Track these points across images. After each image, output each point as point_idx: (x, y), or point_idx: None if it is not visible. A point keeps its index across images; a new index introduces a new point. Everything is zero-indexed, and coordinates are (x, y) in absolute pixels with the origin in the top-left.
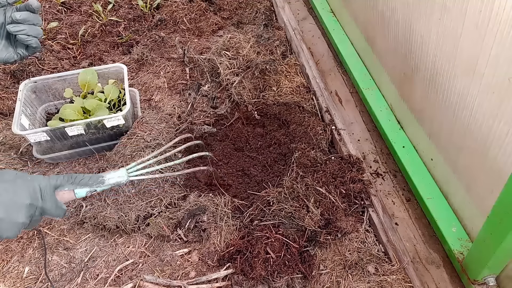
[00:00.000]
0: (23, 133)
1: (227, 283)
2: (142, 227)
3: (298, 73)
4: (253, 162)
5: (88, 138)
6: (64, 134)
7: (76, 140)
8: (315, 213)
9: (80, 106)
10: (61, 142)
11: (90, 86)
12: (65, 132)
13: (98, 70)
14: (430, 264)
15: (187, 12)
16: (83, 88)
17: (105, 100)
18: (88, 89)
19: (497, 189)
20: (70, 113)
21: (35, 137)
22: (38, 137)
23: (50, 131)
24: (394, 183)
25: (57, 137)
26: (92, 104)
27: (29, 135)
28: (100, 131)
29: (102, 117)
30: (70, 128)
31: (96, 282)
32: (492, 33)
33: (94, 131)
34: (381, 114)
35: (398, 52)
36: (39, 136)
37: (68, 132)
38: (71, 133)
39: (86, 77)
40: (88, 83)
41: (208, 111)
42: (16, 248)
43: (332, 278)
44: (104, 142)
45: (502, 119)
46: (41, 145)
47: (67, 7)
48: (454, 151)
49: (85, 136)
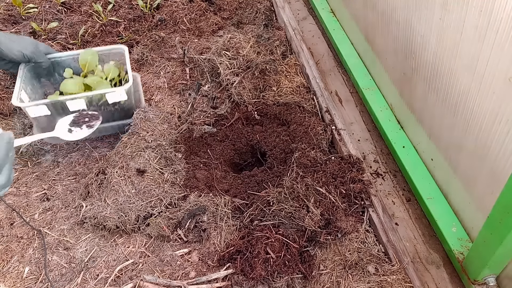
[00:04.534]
0: (23, 105)
1: (227, 283)
2: (142, 227)
3: (298, 73)
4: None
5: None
6: (65, 109)
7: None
8: (315, 213)
9: (82, 82)
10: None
11: (91, 66)
12: (66, 106)
13: (99, 51)
14: (430, 264)
15: (187, 12)
16: (84, 68)
17: (106, 78)
18: (88, 70)
19: (497, 189)
20: (71, 86)
21: (35, 110)
22: (38, 111)
23: (51, 105)
24: (394, 183)
25: (58, 112)
26: (93, 81)
27: (29, 108)
28: (102, 107)
29: (105, 91)
30: (71, 101)
31: (96, 282)
32: (492, 33)
33: (96, 108)
34: (381, 114)
35: (398, 52)
36: (39, 109)
37: (69, 106)
38: (72, 108)
39: (87, 57)
40: (89, 63)
41: (208, 111)
42: (16, 248)
43: (332, 278)
44: (106, 122)
45: (502, 119)
46: (40, 121)
47: (67, 7)
48: (454, 151)
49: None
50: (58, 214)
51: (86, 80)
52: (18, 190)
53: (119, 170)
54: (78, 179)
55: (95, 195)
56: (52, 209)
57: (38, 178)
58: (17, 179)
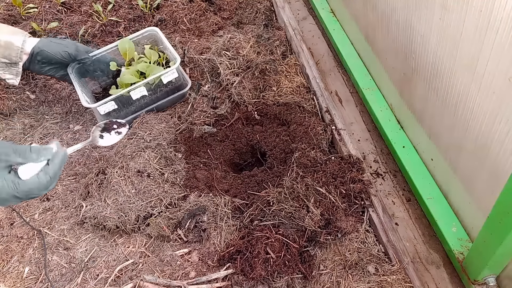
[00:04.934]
0: (94, 105)
1: (227, 283)
2: (142, 227)
3: (298, 73)
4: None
5: (149, 99)
6: (129, 100)
7: (138, 103)
8: (315, 213)
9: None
10: (126, 108)
11: (131, 54)
12: (130, 97)
13: (132, 38)
14: (430, 264)
15: (187, 12)
16: (125, 57)
17: (150, 62)
18: (129, 58)
19: (497, 189)
20: (130, 77)
21: (105, 108)
22: (107, 107)
23: (118, 99)
24: (394, 183)
25: (123, 103)
26: (144, 67)
27: (100, 107)
28: (157, 89)
29: (161, 73)
30: (134, 91)
31: (96, 282)
32: (493, 33)
33: (152, 91)
34: (381, 114)
35: (398, 52)
36: (108, 106)
37: (133, 96)
38: (135, 96)
39: (125, 45)
40: (128, 51)
41: (208, 111)
42: (16, 248)
43: (332, 278)
44: (163, 99)
45: (502, 119)
46: (109, 116)
47: (67, 7)
48: (454, 151)
49: (146, 98)
50: (58, 214)
51: (138, 67)
52: None
53: (119, 170)
54: (78, 179)
55: (95, 195)
56: (52, 209)
57: None
58: None
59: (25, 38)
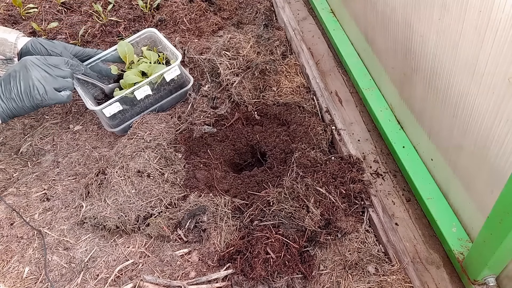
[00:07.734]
0: (99, 108)
1: (227, 283)
2: (142, 227)
3: (298, 73)
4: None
5: (153, 98)
6: (133, 100)
7: (143, 104)
8: (315, 213)
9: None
10: (131, 109)
11: (130, 57)
12: (135, 97)
13: (130, 41)
14: (430, 264)
15: (187, 12)
16: (125, 60)
17: (150, 62)
18: (129, 60)
19: (497, 189)
20: (133, 77)
21: (110, 109)
22: (113, 109)
23: (123, 100)
24: (394, 183)
25: (128, 104)
26: (145, 67)
27: (105, 108)
28: (161, 88)
29: (164, 70)
30: (138, 91)
31: (96, 282)
32: (492, 33)
33: (155, 91)
34: (381, 114)
35: (398, 52)
36: (114, 107)
37: (137, 96)
38: (139, 96)
39: (124, 48)
40: (128, 54)
41: (208, 111)
42: (16, 248)
43: (332, 279)
44: (167, 97)
45: (502, 119)
46: (115, 118)
47: (67, 7)
48: (454, 151)
49: (150, 97)
50: (58, 214)
51: (140, 67)
52: (18, 190)
53: (119, 170)
54: (78, 179)
55: (95, 195)
56: (52, 209)
57: (38, 178)
58: (17, 179)
59: (19, 35)
